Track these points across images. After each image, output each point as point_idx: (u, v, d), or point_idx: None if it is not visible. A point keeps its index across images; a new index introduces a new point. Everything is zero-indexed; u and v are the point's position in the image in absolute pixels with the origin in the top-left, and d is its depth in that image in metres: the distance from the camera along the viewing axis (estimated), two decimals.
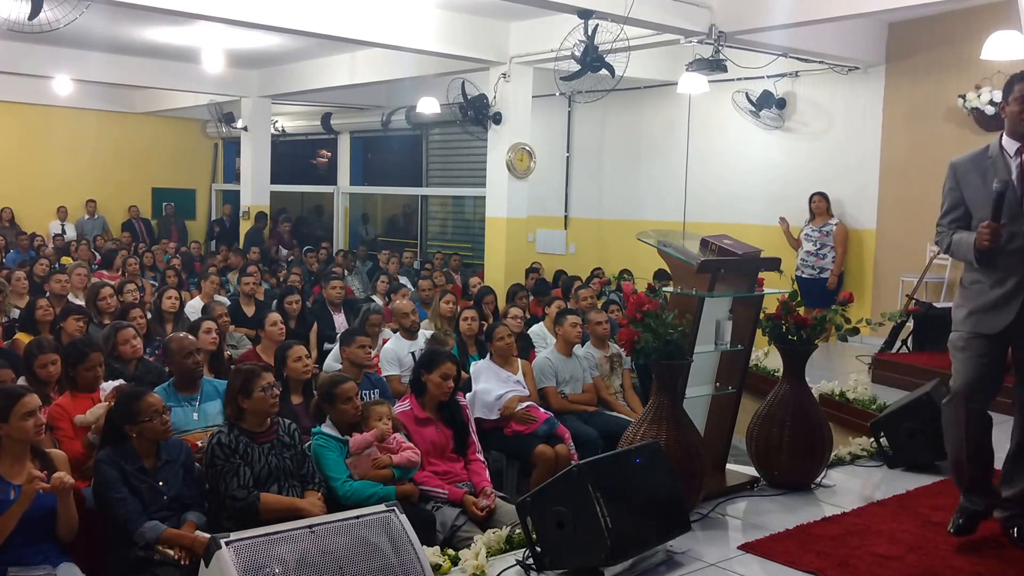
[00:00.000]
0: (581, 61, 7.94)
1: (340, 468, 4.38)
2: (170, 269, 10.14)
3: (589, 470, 3.57)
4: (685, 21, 8.23)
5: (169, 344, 5.22)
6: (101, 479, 3.88)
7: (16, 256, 12.93)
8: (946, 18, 9.14)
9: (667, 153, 12.15)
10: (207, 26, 10.01)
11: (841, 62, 9.96)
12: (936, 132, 9.36)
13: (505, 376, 6.00)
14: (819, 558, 3.79)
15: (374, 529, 3.17)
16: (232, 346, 7.15)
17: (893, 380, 7.43)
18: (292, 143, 18.61)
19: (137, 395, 4.06)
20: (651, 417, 4.22)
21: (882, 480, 5.02)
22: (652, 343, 4.13)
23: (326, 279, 9.27)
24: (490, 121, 10.55)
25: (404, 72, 11.60)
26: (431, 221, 16.57)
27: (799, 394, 4.74)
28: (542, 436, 5.66)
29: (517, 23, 10.05)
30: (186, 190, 19.34)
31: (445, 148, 15.71)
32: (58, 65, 13.07)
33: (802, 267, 9.88)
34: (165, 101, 16.69)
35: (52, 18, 7.05)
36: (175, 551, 3.78)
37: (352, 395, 4.56)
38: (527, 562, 3.66)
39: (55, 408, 4.58)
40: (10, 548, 3.54)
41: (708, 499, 4.42)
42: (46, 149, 17.07)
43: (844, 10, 7.76)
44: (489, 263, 11.06)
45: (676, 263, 4.65)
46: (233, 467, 4.03)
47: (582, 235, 13.53)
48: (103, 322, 6.70)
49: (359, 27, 9.28)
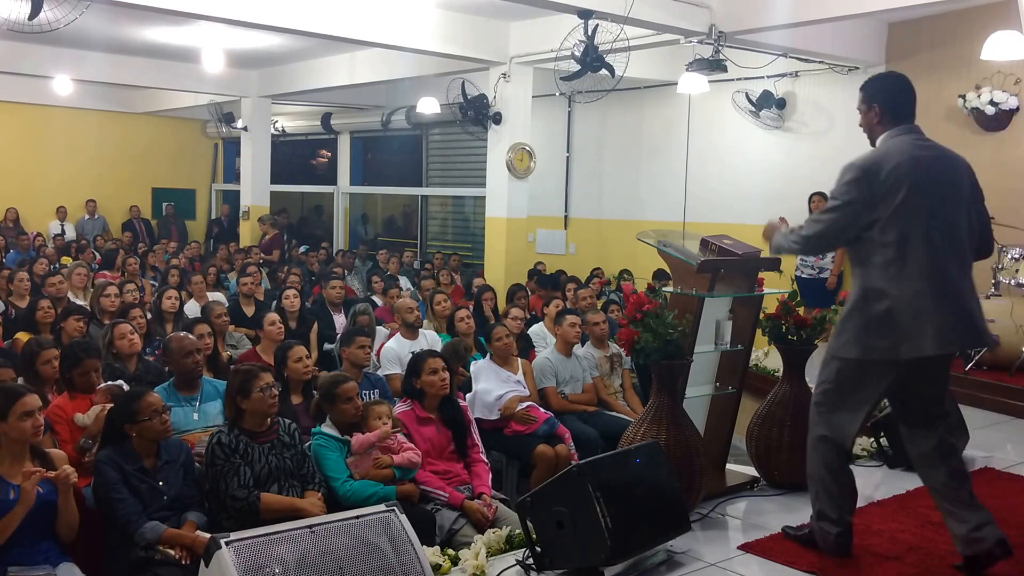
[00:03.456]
0: (581, 61, 7.94)
1: (340, 468, 4.38)
2: (174, 268, 10.14)
3: (589, 470, 3.57)
4: (685, 21, 8.23)
5: (169, 344, 5.22)
6: (101, 479, 3.88)
7: (16, 256, 12.93)
8: (946, 18, 9.14)
9: (667, 153, 12.15)
10: (207, 26, 10.01)
11: (841, 62, 9.96)
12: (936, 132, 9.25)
13: (505, 376, 6.00)
14: (819, 558, 3.79)
15: (374, 529, 3.17)
16: (232, 346, 7.16)
17: None
18: (292, 143, 18.60)
19: (137, 395, 4.06)
20: (651, 417, 4.22)
21: (882, 480, 5.02)
22: (652, 343, 4.13)
23: (326, 279, 9.27)
24: (490, 121, 10.55)
25: (404, 72, 11.60)
26: (431, 221, 16.57)
27: (799, 394, 4.73)
28: (542, 436, 5.66)
29: (517, 23, 10.05)
30: (186, 190, 19.33)
31: (445, 148, 15.71)
32: (58, 65, 13.06)
33: (802, 267, 9.88)
34: (165, 101, 16.68)
35: (52, 18, 7.05)
36: (176, 551, 3.78)
37: (353, 395, 4.57)
38: (527, 562, 3.66)
39: (54, 408, 4.58)
40: (10, 548, 3.54)
41: (708, 499, 4.43)
42: (46, 149, 17.06)
43: (844, 10, 7.76)
44: (489, 263, 11.06)
45: (676, 263, 4.65)
46: (233, 467, 4.03)
47: (582, 235, 13.53)
48: (104, 322, 6.71)
49: (359, 27, 9.28)
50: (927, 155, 3.61)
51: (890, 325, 3.49)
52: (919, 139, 3.67)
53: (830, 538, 3.79)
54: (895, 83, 3.78)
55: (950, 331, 3.51)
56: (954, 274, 3.54)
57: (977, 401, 6.62)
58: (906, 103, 3.72)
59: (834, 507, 3.77)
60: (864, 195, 3.53)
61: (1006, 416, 6.52)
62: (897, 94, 3.72)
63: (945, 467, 3.66)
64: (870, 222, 3.53)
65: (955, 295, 3.53)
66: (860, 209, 3.54)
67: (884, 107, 3.70)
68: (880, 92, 3.73)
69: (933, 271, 3.49)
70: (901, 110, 3.70)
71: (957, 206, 3.60)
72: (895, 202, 3.49)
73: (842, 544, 3.78)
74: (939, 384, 3.73)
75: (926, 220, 3.50)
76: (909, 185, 3.50)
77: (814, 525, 3.87)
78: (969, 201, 3.67)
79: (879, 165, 3.55)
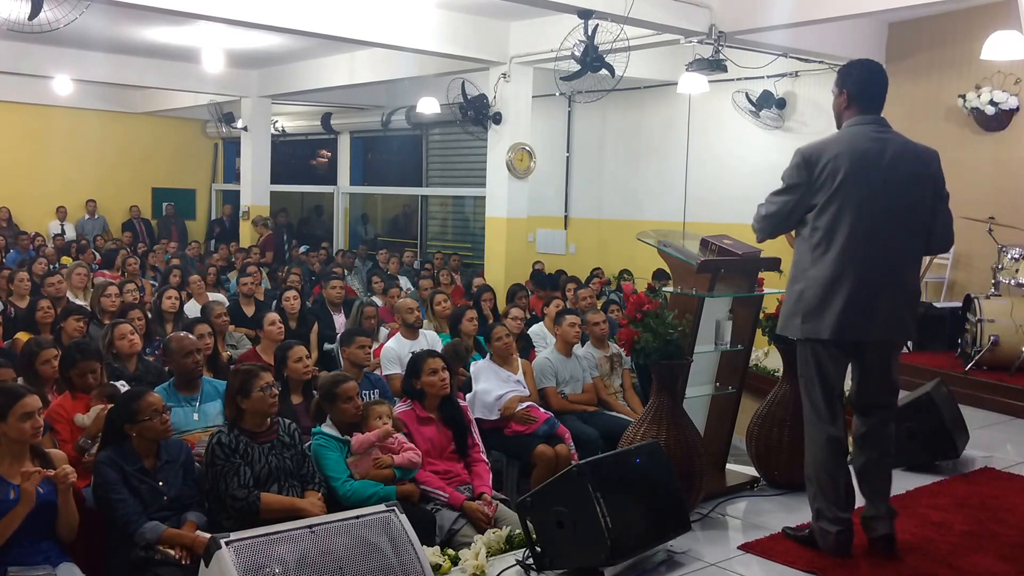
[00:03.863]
0: (581, 61, 7.94)
1: (340, 468, 4.38)
2: (176, 268, 10.13)
3: (589, 470, 3.57)
4: (685, 21, 8.23)
5: (169, 343, 5.22)
6: (101, 479, 3.88)
7: (16, 256, 12.93)
8: (946, 18, 9.14)
9: (667, 153, 12.15)
10: (207, 26, 10.01)
11: (841, 62, 9.82)
12: (936, 132, 9.34)
13: (505, 376, 6.00)
14: (819, 558, 3.78)
15: (374, 529, 3.17)
16: (232, 346, 7.16)
17: None
18: (292, 143, 18.61)
19: (137, 395, 4.06)
20: (651, 417, 4.22)
21: None
22: (652, 343, 4.13)
23: (326, 279, 9.27)
24: (490, 121, 10.55)
25: (404, 72, 11.60)
26: (431, 221, 16.57)
27: (799, 394, 4.72)
28: (542, 436, 5.66)
29: (517, 23, 10.05)
30: (186, 190, 19.34)
31: (445, 148, 15.71)
32: (58, 65, 13.07)
33: None
34: (165, 101, 16.69)
35: (52, 18, 7.05)
36: (176, 551, 3.78)
37: (353, 394, 4.57)
38: (527, 562, 3.66)
39: (54, 408, 4.58)
40: (10, 548, 3.54)
41: (708, 499, 4.42)
42: (46, 149, 17.07)
43: (844, 10, 7.76)
44: (489, 263, 11.07)
45: (676, 263, 4.65)
46: (233, 467, 4.03)
47: (582, 235, 13.53)
48: (104, 322, 6.71)
49: (359, 27, 9.28)
50: (877, 147, 3.65)
51: (802, 304, 3.69)
52: (877, 130, 3.70)
53: (830, 537, 3.79)
54: (868, 72, 3.79)
55: (854, 319, 3.60)
56: (881, 264, 3.61)
57: (977, 401, 6.62)
58: (875, 94, 3.76)
59: (832, 505, 3.78)
60: (805, 180, 3.66)
61: (1006, 416, 6.52)
62: (868, 83, 3.76)
63: (867, 455, 3.83)
64: (810, 206, 3.67)
65: (875, 285, 3.61)
66: (804, 192, 3.67)
67: (851, 93, 3.76)
68: (851, 78, 3.78)
69: (854, 259, 3.58)
70: (868, 99, 3.74)
71: (905, 198, 3.64)
72: (830, 190, 3.60)
73: (842, 543, 3.78)
74: (872, 372, 3.80)
75: (857, 209, 3.58)
76: (846, 174, 3.58)
77: (813, 525, 3.87)
78: (931, 195, 3.71)
79: (820, 153, 3.66)
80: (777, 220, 3.79)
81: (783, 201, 3.74)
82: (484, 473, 4.75)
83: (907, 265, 3.74)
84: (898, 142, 3.70)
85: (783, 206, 3.74)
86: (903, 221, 3.65)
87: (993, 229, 7.98)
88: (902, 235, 3.66)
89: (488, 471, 4.80)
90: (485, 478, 4.73)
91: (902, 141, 3.72)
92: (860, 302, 3.60)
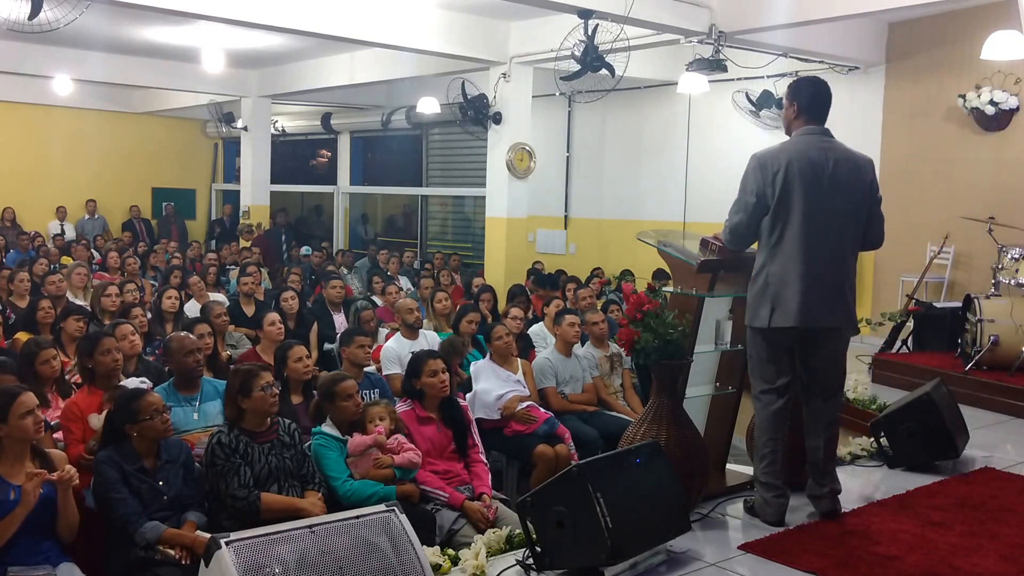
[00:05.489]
0: (581, 61, 7.95)
1: (340, 468, 4.38)
2: (177, 268, 10.13)
3: (589, 470, 3.57)
4: (685, 21, 8.24)
5: (169, 343, 5.22)
6: (101, 479, 3.88)
7: (16, 256, 12.92)
8: (946, 18, 9.15)
9: (667, 153, 12.15)
10: (207, 26, 10.02)
11: (841, 62, 9.95)
12: (936, 132, 9.36)
13: (505, 376, 6.00)
14: (819, 558, 3.79)
15: (374, 529, 3.17)
16: (232, 346, 7.15)
17: (893, 380, 7.45)
18: (292, 143, 18.62)
19: (137, 394, 4.06)
20: (651, 417, 4.22)
21: (882, 480, 5.02)
22: (652, 343, 4.13)
23: (326, 279, 9.26)
24: (490, 121, 10.56)
25: (404, 72, 11.61)
26: (431, 221, 16.58)
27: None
28: (542, 436, 5.66)
29: (517, 23, 10.05)
30: (186, 190, 19.34)
31: (445, 148, 15.72)
32: (58, 65, 13.07)
33: None
34: (165, 101, 16.70)
35: (52, 18, 7.05)
36: (176, 551, 3.78)
37: (352, 392, 4.56)
38: (527, 562, 3.66)
39: (70, 406, 4.59)
40: (11, 548, 3.54)
41: (708, 499, 4.42)
42: (46, 149, 17.08)
43: (844, 10, 7.77)
44: (489, 263, 11.07)
45: (676, 263, 4.65)
46: (233, 467, 4.03)
47: (582, 235, 13.53)
48: (105, 322, 6.70)
49: (359, 27, 9.29)
50: (823, 156, 4.07)
51: (767, 296, 4.07)
52: (822, 140, 4.15)
53: (768, 508, 4.16)
54: (815, 88, 4.22)
55: (814, 307, 4.02)
56: (827, 259, 4.04)
57: (977, 401, 6.62)
58: (821, 107, 4.19)
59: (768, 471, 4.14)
60: (760, 183, 4.08)
61: (1006, 416, 6.52)
62: (815, 97, 4.20)
63: (817, 437, 4.21)
64: (766, 207, 4.07)
65: (824, 277, 4.03)
66: (760, 196, 4.07)
67: (801, 106, 4.20)
68: (801, 92, 4.22)
69: (805, 254, 3.99)
70: (815, 112, 4.19)
71: (846, 201, 4.07)
72: (778, 193, 4.02)
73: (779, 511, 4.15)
74: (823, 359, 4.19)
75: (804, 210, 4.00)
76: (790, 179, 4.01)
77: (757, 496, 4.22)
78: (868, 198, 4.17)
79: (769, 161, 4.09)
80: (743, 227, 4.15)
81: (745, 204, 4.12)
82: (483, 474, 4.75)
83: (848, 259, 4.16)
84: (840, 150, 4.14)
85: (746, 208, 4.12)
86: (844, 221, 4.10)
87: (993, 229, 7.99)
88: (844, 233, 4.10)
89: (487, 471, 4.80)
90: (484, 479, 4.73)
91: (843, 150, 4.16)
92: (815, 292, 4.01)
